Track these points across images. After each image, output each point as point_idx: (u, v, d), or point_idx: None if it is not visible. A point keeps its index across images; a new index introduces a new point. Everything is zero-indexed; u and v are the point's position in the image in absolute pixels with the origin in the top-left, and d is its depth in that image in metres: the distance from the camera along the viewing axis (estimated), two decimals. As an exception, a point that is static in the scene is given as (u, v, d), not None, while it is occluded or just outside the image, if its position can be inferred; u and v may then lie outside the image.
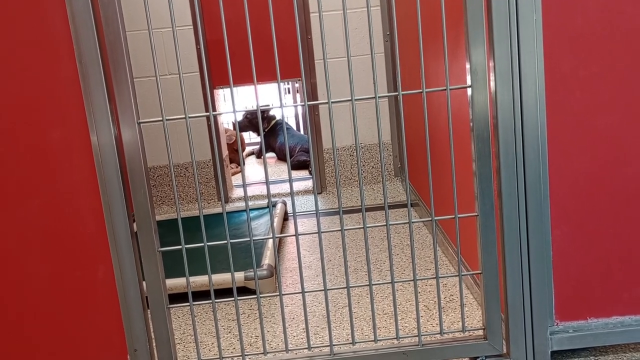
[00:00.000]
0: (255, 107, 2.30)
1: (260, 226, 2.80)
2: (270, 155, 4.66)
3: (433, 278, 1.45)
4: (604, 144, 1.40)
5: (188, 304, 1.43)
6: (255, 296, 1.45)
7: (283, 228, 2.91)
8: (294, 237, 2.69)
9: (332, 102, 1.36)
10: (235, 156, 4.25)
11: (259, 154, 4.84)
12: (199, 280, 2.07)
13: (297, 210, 3.24)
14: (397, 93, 1.39)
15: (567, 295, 1.46)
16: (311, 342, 1.62)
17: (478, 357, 1.47)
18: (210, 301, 1.43)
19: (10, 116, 1.30)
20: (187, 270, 1.42)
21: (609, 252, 1.44)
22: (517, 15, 1.32)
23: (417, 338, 1.47)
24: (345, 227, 1.41)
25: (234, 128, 4.45)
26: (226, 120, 4.87)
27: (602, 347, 1.54)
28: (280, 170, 4.27)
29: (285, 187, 3.70)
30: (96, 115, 1.31)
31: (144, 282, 1.41)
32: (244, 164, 2.10)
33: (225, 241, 1.41)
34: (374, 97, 1.37)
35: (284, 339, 1.53)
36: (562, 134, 1.39)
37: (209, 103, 1.37)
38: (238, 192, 3.65)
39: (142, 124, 1.34)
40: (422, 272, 2.18)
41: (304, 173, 4.00)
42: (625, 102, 1.38)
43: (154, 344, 1.44)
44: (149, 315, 1.43)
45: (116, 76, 1.29)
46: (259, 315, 1.46)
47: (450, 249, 2.19)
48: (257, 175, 4.19)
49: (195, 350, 1.68)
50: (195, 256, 2.28)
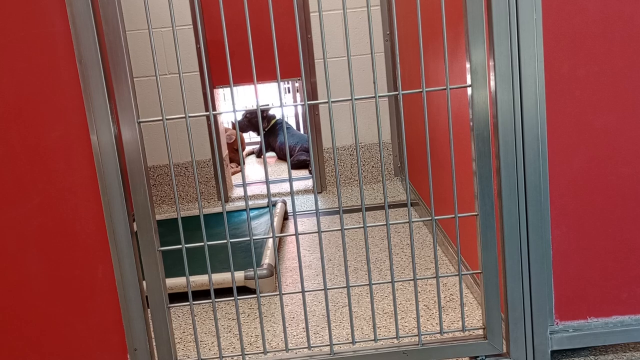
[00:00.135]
0: (255, 107, 2.30)
1: (260, 225, 2.80)
2: (270, 155, 4.66)
3: (433, 277, 1.45)
4: (604, 143, 1.40)
5: (188, 303, 1.43)
6: (255, 295, 1.45)
7: (283, 227, 2.91)
8: (294, 237, 2.69)
9: (332, 102, 1.36)
10: (235, 156, 4.25)
11: (259, 154, 4.84)
12: (199, 280, 2.07)
13: (297, 210, 3.24)
14: (397, 92, 1.39)
15: (567, 294, 1.46)
16: (311, 342, 1.62)
17: (478, 357, 1.48)
18: (210, 300, 1.43)
19: (10, 116, 1.29)
20: (187, 270, 1.42)
21: (608, 251, 1.44)
22: (517, 15, 1.32)
23: (417, 337, 1.47)
24: (345, 227, 1.41)
25: (233, 127, 4.45)
26: (226, 120, 4.87)
27: (602, 346, 1.54)
28: (280, 169, 4.27)
29: (285, 187, 3.70)
30: (96, 114, 1.31)
31: (144, 282, 1.41)
32: (243, 163, 2.10)
33: (225, 240, 1.41)
34: (374, 97, 1.37)
35: (284, 339, 1.53)
36: (562, 133, 1.39)
37: (209, 102, 1.37)
38: (238, 192, 3.65)
39: (142, 124, 1.34)
40: (422, 272, 2.18)
41: (304, 172, 4.00)
42: (625, 102, 1.38)
43: (154, 343, 1.44)
44: (149, 315, 1.43)
45: (116, 76, 1.29)
46: (259, 315, 1.46)
47: (450, 248, 2.19)
48: (257, 174, 4.19)
49: (195, 349, 1.68)
50: (195, 255, 2.29)
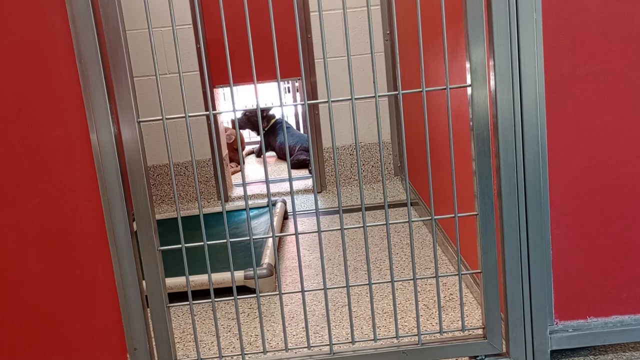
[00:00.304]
0: (254, 106, 2.29)
1: (260, 225, 2.80)
2: (270, 154, 4.66)
3: (433, 277, 1.45)
4: (604, 143, 1.40)
5: (188, 303, 1.43)
6: (255, 295, 1.45)
7: (283, 227, 2.91)
8: (293, 236, 2.69)
9: (332, 101, 1.36)
10: (235, 155, 4.25)
11: (258, 153, 4.84)
12: (199, 279, 2.07)
13: (297, 209, 3.24)
14: (397, 92, 1.39)
15: (566, 294, 1.46)
16: (311, 341, 1.62)
17: (477, 356, 1.48)
18: (210, 300, 1.43)
19: (10, 116, 1.29)
20: (187, 269, 1.42)
21: (608, 251, 1.44)
22: (517, 15, 1.32)
23: (416, 337, 1.47)
24: (345, 226, 1.41)
25: (233, 127, 4.45)
26: (226, 120, 4.87)
27: (601, 346, 1.55)
28: (280, 169, 4.27)
29: (285, 186, 3.70)
30: (96, 114, 1.31)
31: (144, 281, 1.41)
32: (243, 163, 2.09)
33: (225, 240, 1.41)
34: (374, 96, 1.37)
35: (283, 338, 1.53)
36: (562, 133, 1.39)
37: (209, 102, 1.37)
38: (238, 191, 3.65)
39: (142, 123, 1.34)
40: (422, 271, 2.18)
41: (303, 172, 4.00)
42: (625, 101, 1.38)
43: (154, 343, 1.44)
44: (149, 314, 1.43)
45: (116, 75, 1.29)
46: (258, 314, 1.46)
47: (450, 248, 2.19)
48: (257, 174, 4.19)
49: (195, 349, 1.68)
50: (195, 255, 2.29)
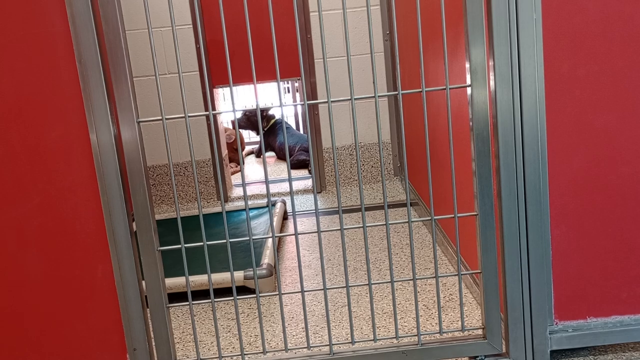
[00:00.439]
0: (254, 107, 2.29)
1: (259, 225, 2.80)
2: (270, 155, 4.66)
3: (432, 277, 1.45)
4: (604, 143, 1.40)
5: (187, 303, 1.43)
6: (255, 295, 1.45)
7: (282, 227, 2.91)
8: (293, 237, 2.69)
9: (331, 102, 1.36)
10: (235, 155, 4.25)
11: (258, 153, 4.84)
12: (199, 280, 2.07)
13: (296, 210, 3.24)
14: (396, 92, 1.39)
15: (566, 294, 1.46)
16: (310, 342, 1.62)
17: (477, 357, 1.48)
18: (210, 300, 1.43)
19: (10, 116, 1.29)
20: (187, 270, 1.42)
21: (608, 251, 1.44)
22: (516, 15, 1.32)
23: (416, 337, 1.47)
24: (344, 227, 1.41)
25: (233, 127, 4.45)
26: (226, 120, 4.87)
27: (601, 346, 1.55)
28: (279, 169, 4.27)
29: (284, 186, 3.70)
30: (96, 114, 1.31)
31: (144, 282, 1.41)
32: (243, 163, 2.10)
33: (225, 240, 1.41)
34: (374, 97, 1.37)
35: (283, 338, 1.53)
36: (562, 133, 1.39)
37: (209, 102, 1.37)
38: (237, 192, 3.65)
39: (141, 123, 1.34)
40: (422, 272, 2.18)
41: (303, 172, 4.00)
42: (625, 101, 1.38)
43: (153, 343, 1.44)
44: (148, 315, 1.43)
45: (116, 75, 1.29)
46: (258, 315, 1.46)
47: (450, 248, 2.19)
48: (257, 174, 4.19)
49: (195, 349, 1.68)
50: (194, 255, 2.29)
